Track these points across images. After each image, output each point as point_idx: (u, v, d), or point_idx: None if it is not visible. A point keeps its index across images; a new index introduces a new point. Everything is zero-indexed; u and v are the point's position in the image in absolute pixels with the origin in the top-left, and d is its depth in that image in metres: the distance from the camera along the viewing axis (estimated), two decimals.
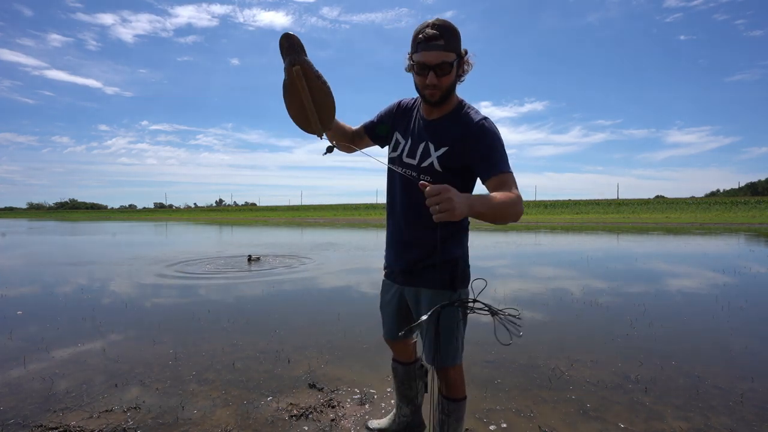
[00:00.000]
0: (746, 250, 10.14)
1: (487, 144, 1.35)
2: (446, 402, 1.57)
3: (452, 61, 1.32)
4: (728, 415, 2.10)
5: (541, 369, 2.68)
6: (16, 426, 2.01)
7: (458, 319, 1.48)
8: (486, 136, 1.36)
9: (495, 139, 1.36)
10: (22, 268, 7.32)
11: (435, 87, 1.34)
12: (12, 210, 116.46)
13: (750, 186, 72.21)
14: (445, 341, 1.47)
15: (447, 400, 1.57)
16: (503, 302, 4.50)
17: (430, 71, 1.32)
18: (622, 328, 3.57)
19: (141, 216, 61.90)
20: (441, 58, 1.30)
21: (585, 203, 48.32)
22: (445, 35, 1.29)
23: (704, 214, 33.47)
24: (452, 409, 1.57)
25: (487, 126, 1.37)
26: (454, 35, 1.31)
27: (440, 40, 1.29)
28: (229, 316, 3.97)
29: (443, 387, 1.57)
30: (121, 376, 2.59)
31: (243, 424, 2.03)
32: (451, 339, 1.47)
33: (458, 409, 1.58)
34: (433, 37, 1.29)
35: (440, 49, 1.29)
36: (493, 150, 1.34)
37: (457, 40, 1.32)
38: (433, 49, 1.29)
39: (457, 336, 1.49)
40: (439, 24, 1.30)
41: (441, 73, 1.32)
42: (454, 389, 1.56)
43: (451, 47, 1.30)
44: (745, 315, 3.99)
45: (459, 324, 1.49)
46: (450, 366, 1.51)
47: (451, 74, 1.34)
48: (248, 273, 6.68)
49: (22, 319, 3.97)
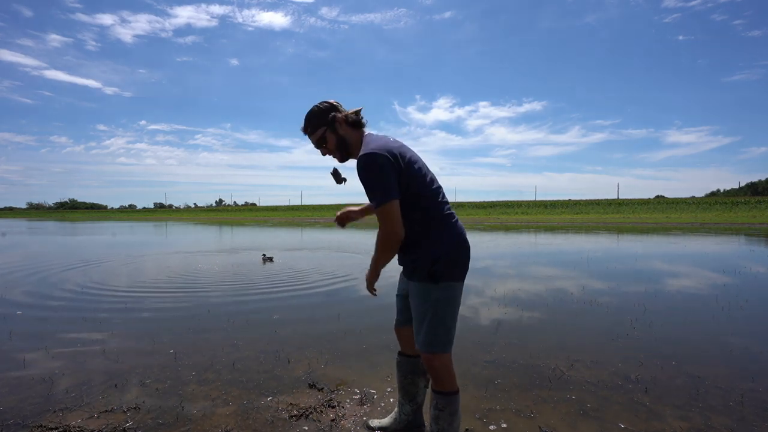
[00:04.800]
0: (746, 250, 10.14)
1: (362, 182, 1.54)
2: (436, 395, 1.62)
3: (320, 135, 1.67)
4: (728, 415, 2.10)
5: (541, 369, 2.68)
6: (16, 426, 2.01)
7: (427, 306, 1.55)
8: (360, 174, 1.53)
9: (365, 173, 1.51)
10: (21, 268, 7.32)
11: (331, 154, 1.71)
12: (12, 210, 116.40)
13: (750, 186, 72.14)
14: (416, 325, 1.60)
15: (435, 393, 1.62)
16: (503, 302, 4.50)
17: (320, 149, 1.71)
18: (622, 328, 3.57)
19: (141, 216, 61.89)
20: (313, 140, 1.70)
21: (585, 203, 48.32)
22: (308, 124, 1.69)
23: (704, 214, 33.47)
24: (444, 403, 1.59)
25: (359, 164, 1.52)
26: (314, 116, 1.67)
27: (307, 129, 1.70)
28: (229, 316, 3.97)
29: (427, 379, 1.69)
30: (121, 376, 2.59)
31: (243, 424, 2.03)
32: (421, 324, 1.58)
33: (450, 403, 1.59)
34: (304, 130, 1.71)
35: (308, 135, 1.70)
36: (366, 187, 1.53)
37: (317, 119, 1.66)
38: (309, 137, 1.71)
39: (427, 322, 1.56)
40: (305, 117, 1.70)
41: (324, 145, 1.69)
42: (439, 381, 1.60)
43: (313, 129, 1.68)
44: (745, 315, 3.99)
45: (429, 311, 1.55)
46: (426, 352, 1.57)
47: (330, 141, 1.67)
48: (263, 272, 6.68)
49: (22, 319, 3.97)
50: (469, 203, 57.73)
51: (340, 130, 1.66)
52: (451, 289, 1.57)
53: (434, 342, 1.56)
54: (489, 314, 4.03)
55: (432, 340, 1.56)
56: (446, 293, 1.56)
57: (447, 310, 1.57)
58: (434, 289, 1.55)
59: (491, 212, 44.83)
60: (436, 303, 1.55)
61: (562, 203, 50.22)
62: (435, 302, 1.55)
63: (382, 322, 3.68)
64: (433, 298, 1.55)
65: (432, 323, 1.55)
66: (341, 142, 1.66)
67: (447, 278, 1.55)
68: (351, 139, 1.67)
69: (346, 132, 1.66)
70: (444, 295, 1.56)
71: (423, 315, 1.57)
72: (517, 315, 4.02)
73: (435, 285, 1.54)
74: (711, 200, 45.35)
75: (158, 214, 74.58)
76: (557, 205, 48.56)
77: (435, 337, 1.55)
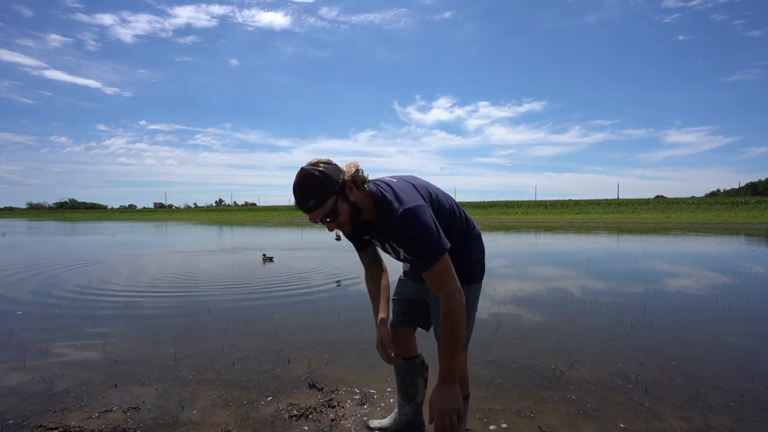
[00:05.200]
0: (746, 250, 10.14)
1: (411, 241, 1.32)
2: None
3: (331, 208, 1.31)
4: (728, 415, 2.10)
5: (541, 369, 2.68)
6: (16, 426, 2.01)
7: None
8: (408, 234, 1.32)
9: (415, 233, 1.31)
10: (21, 268, 7.32)
11: (339, 227, 1.39)
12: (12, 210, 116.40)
13: (750, 186, 72.14)
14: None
15: None
16: (503, 302, 4.50)
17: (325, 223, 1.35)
18: (622, 328, 3.57)
19: (141, 216, 61.90)
20: (320, 215, 1.32)
21: (585, 203, 48.31)
22: (312, 195, 1.29)
23: (704, 214, 33.46)
24: None
25: (403, 223, 1.32)
26: (319, 185, 1.29)
27: (309, 202, 1.30)
28: (229, 316, 3.97)
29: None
30: (121, 376, 2.59)
31: (243, 424, 2.03)
32: None
33: None
34: (301, 203, 1.31)
35: (314, 210, 1.31)
36: (415, 246, 1.32)
37: (324, 187, 1.29)
38: (309, 212, 1.32)
39: None
40: (301, 185, 1.30)
41: (332, 218, 1.34)
42: None
43: (321, 200, 1.29)
44: (745, 315, 3.99)
45: None
46: None
47: (341, 211, 1.33)
48: (263, 272, 6.68)
49: (22, 319, 3.97)
50: (469, 203, 57.73)
51: (352, 195, 1.36)
52: (478, 289, 1.67)
53: None
54: (489, 314, 4.03)
55: None
56: (475, 293, 1.65)
57: (473, 310, 1.64)
58: (467, 290, 1.55)
59: (491, 212, 44.82)
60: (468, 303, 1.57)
61: (562, 203, 50.20)
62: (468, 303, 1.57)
63: None
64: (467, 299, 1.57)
65: None
66: (355, 210, 1.37)
67: (477, 280, 1.64)
68: (363, 203, 1.39)
69: (357, 196, 1.37)
70: (473, 295, 1.62)
71: None
72: (517, 315, 4.02)
73: (468, 286, 1.57)
74: (711, 200, 45.32)
75: (158, 214, 74.58)
76: (557, 205, 48.53)
77: None
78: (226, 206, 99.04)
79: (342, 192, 1.33)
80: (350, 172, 1.36)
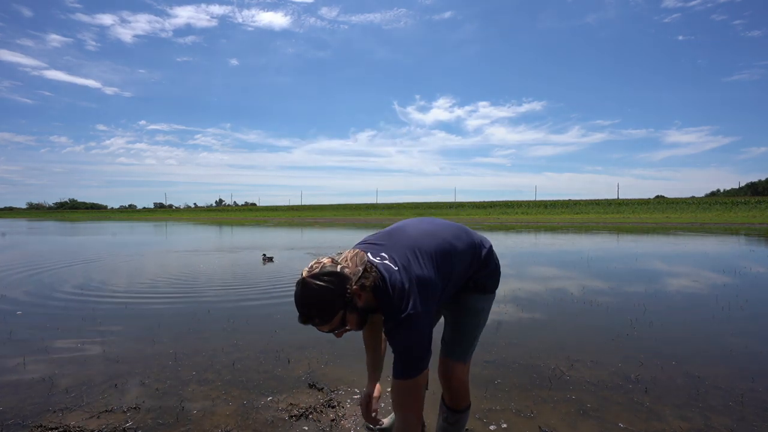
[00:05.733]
0: (746, 250, 10.14)
1: (399, 345, 1.30)
2: (449, 412, 1.59)
3: (339, 321, 1.25)
4: (728, 415, 2.10)
5: (541, 369, 2.68)
6: (16, 426, 2.01)
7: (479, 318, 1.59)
8: (398, 338, 1.29)
9: (405, 341, 1.28)
10: (21, 268, 7.32)
11: (349, 330, 1.33)
12: (12, 210, 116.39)
13: (750, 186, 72.08)
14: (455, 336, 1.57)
15: (450, 410, 1.59)
16: (503, 302, 4.50)
17: None
18: (622, 328, 3.57)
19: (141, 216, 61.91)
20: (327, 329, 1.27)
21: (585, 203, 48.32)
22: (317, 313, 1.23)
23: (704, 214, 33.47)
24: (455, 419, 1.58)
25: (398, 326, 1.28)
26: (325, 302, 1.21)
27: (314, 320, 1.24)
28: (229, 316, 3.97)
29: (446, 393, 1.59)
30: (121, 376, 2.59)
31: (243, 424, 2.03)
32: (463, 335, 1.57)
33: (461, 419, 1.58)
34: (305, 320, 1.24)
35: (321, 324, 1.25)
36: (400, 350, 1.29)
37: (331, 304, 1.22)
38: (317, 326, 1.26)
39: (471, 332, 1.58)
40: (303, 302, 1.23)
41: (339, 329, 1.29)
42: (456, 395, 1.57)
43: (328, 318, 1.23)
44: (745, 315, 3.99)
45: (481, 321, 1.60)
46: (464, 362, 1.57)
47: (350, 321, 1.28)
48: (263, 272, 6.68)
49: (22, 319, 3.97)
50: (469, 203, 57.74)
51: (360, 302, 1.28)
52: (492, 299, 1.66)
53: (470, 351, 1.59)
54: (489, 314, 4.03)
55: (469, 349, 1.59)
56: (489, 303, 1.64)
57: (483, 320, 1.63)
58: (483, 299, 1.60)
59: (491, 212, 44.84)
60: (484, 313, 1.61)
61: (562, 203, 50.22)
62: (483, 312, 1.60)
63: None
64: (482, 308, 1.59)
65: (476, 333, 1.59)
66: (364, 316, 1.31)
67: (491, 290, 1.63)
68: (372, 304, 1.32)
69: (365, 301, 1.29)
70: (487, 304, 1.63)
71: (473, 326, 1.58)
72: (517, 315, 4.02)
73: (484, 296, 1.59)
74: (711, 200, 45.35)
75: (158, 214, 74.60)
76: (557, 205, 48.55)
77: (471, 347, 1.59)
78: (226, 206, 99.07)
79: (351, 304, 1.25)
80: (357, 275, 1.24)
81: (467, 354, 1.57)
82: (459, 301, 1.57)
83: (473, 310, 1.57)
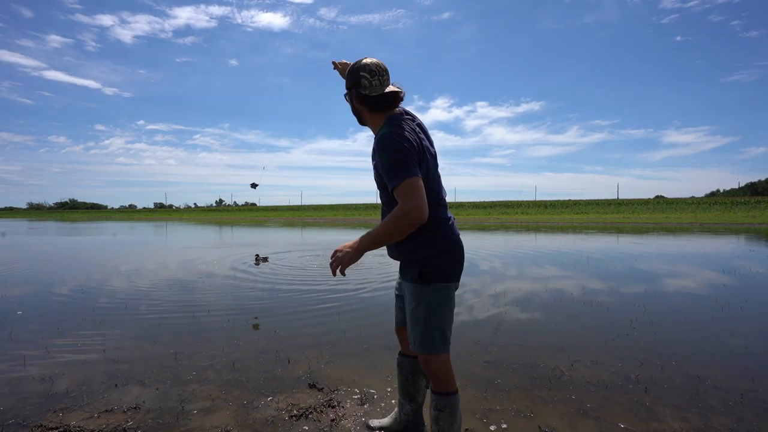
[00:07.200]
0: (746, 250, 10.15)
1: (380, 159, 1.46)
2: (435, 396, 1.62)
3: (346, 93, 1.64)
4: (728, 415, 2.10)
5: (541, 369, 2.68)
6: (16, 426, 2.01)
7: (421, 308, 1.55)
8: (379, 151, 1.47)
9: (385, 151, 1.45)
10: (21, 268, 7.31)
11: None
12: (12, 210, 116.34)
13: (750, 186, 72.06)
14: (411, 326, 1.59)
15: (434, 394, 1.62)
16: (503, 302, 4.50)
17: None
18: (622, 328, 3.57)
19: (141, 216, 61.88)
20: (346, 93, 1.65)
21: (585, 203, 48.32)
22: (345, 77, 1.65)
23: (704, 214, 33.46)
24: (443, 403, 1.59)
25: (380, 140, 1.48)
26: (348, 74, 1.60)
27: None
28: (229, 316, 3.97)
29: (428, 379, 1.65)
30: (121, 376, 2.59)
31: (243, 424, 2.03)
32: (415, 326, 1.57)
33: (450, 404, 1.59)
34: None
35: None
36: (384, 165, 1.44)
37: (348, 79, 1.61)
38: None
39: (421, 324, 1.55)
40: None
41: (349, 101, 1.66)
42: (437, 382, 1.60)
43: (347, 84, 1.63)
44: (745, 315, 3.99)
45: (422, 313, 1.55)
46: (422, 353, 1.57)
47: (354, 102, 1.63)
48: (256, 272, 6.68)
49: (22, 319, 3.97)
50: (469, 203, 57.73)
51: (356, 103, 1.62)
52: (445, 290, 1.56)
53: (429, 343, 1.55)
54: (489, 314, 4.03)
55: (427, 341, 1.55)
56: (439, 295, 1.55)
57: (441, 312, 1.55)
58: (426, 290, 1.54)
59: (491, 212, 44.83)
60: (429, 305, 1.54)
61: (562, 203, 50.22)
62: (428, 304, 1.54)
63: (382, 322, 3.68)
64: (426, 299, 1.54)
65: (426, 325, 1.54)
66: (356, 111, 1.66)
67: (439, 279, 1.54)
68: (367, 119, 1.64)
69: (362, 108, 1.62)
70: (437, 296, 1.55)
71: (417, 317, 1.56)
72: (517, 315, 4.03)
73: (427, 286, 1.54)
74: (711, 200, 45.36)
75: (158, 214, 74.56)
76: (557, 205, 48.55)
77: (430, 338, 1.55)
78: (226, 206, 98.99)
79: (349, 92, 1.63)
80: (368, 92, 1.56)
81: (427, 346, 1.55)
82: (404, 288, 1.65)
83: (413, 300, 1.58)
